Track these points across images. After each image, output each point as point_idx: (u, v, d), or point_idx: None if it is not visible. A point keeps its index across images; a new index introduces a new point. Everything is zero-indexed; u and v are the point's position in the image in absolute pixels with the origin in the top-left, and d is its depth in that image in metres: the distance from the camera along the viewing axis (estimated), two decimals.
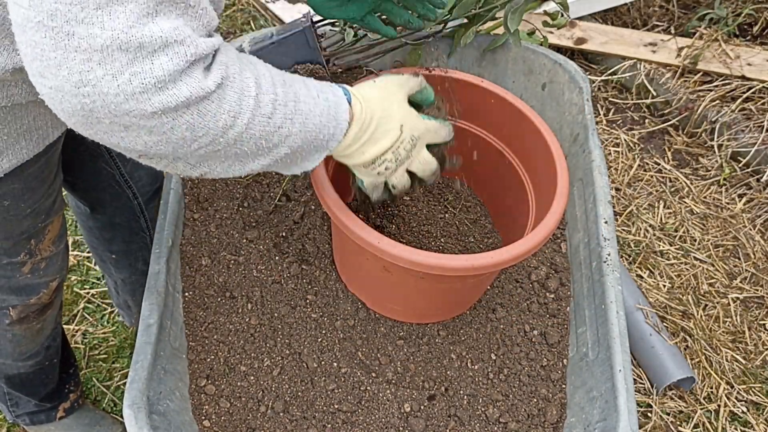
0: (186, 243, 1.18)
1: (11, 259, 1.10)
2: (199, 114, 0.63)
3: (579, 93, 1.26)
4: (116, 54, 0.56)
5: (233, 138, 0.68)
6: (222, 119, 0.66)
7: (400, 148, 0.89)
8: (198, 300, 1.13)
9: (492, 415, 1.07)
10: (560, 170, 1.03)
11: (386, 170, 0.90)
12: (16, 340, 1.28)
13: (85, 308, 1.92)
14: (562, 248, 1.24)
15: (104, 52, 0.55)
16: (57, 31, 0.54)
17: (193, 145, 0.66)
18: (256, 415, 1.05)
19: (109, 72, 0.56)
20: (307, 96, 0.77)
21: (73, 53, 0.55)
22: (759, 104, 2.28)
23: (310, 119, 0.76)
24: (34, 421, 1.55)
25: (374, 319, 1.15)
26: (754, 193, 2.19)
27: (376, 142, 0.86)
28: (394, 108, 0.88)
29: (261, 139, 0.71)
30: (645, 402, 1.73)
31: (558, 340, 1.14)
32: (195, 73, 0.62)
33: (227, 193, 1.25)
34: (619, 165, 2.27)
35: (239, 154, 0.72)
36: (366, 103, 0.85)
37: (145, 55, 0.57)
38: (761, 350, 1.84)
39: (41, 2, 0.53)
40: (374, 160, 0.88)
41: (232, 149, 0.70)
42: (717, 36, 2.42)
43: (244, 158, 0.73)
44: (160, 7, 0.57)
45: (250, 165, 0.75)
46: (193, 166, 0.71)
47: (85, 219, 1.45)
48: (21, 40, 0.57)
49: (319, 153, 0.82)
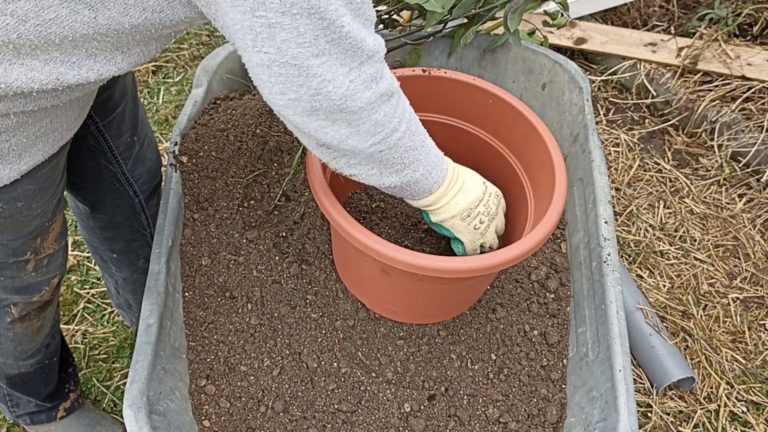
0: (186, 243, 1.18)
1: (17, 258, 1.10)
2: (384, 111, 0.80)
3: (579, 93, 1.26)
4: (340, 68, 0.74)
5: (394, 141, 0.84)
6: (395, 119, 0.82)
7: (490, 201, 1.02)
8: (198, 300, 1.14)
9: (492, 415, 1.07)
10: (558, 171, 1.03)
11: (481, 224, 1.01)
12: (17, 339, 1.29)
13: (85, 308, 1.92)
14: (562, 248, 1.24)
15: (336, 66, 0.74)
16: (299, 66, 0.72)
17: (371, 140, 0.81)
18: (256, 415, 1.05)
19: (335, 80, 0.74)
20: (425, 135, 0.92)
21: (312, 78, 0.73)
22: (759, 104, 2.27)
23: (431, 154, 0.92)
24: (35, 420, 1.55)
25: (374, 319, 1.15)
26: (754, 193, 2.19)
27: (466, 194, 0.99)
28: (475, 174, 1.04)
29: (405, 153, 0.86)
30: (645, 402, 1.73)
31: (558, 340, 1.14)
32: (386, 74, 0.80)
33: (227, 193, 1.25)
34: (619, 165, 2.27)
35: (385, 162, 0.86)
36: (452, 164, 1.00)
37: (364, 60, 0.75)
38: (761, 350, 1.84)
39: (286, 50, 0.71)
40: (469, 213, 1.00)
41: (387, 154, 0.85)
42: (717, 36, 2.42)
43: (386, 168, 0.87)
44: (365, 20, 0.74)
45: (385, 178, 0.89)
46: (352, 166, 0.86)
47: (85, 219, 1.45)
48: (264, 74, 0.73)
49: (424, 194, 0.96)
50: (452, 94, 1.17)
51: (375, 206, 1.28)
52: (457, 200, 0.98)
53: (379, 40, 0.78)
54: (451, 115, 1.21)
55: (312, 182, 1.00)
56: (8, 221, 1.01)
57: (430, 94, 1.18)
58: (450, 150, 1.01)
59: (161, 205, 1.14)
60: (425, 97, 1.18)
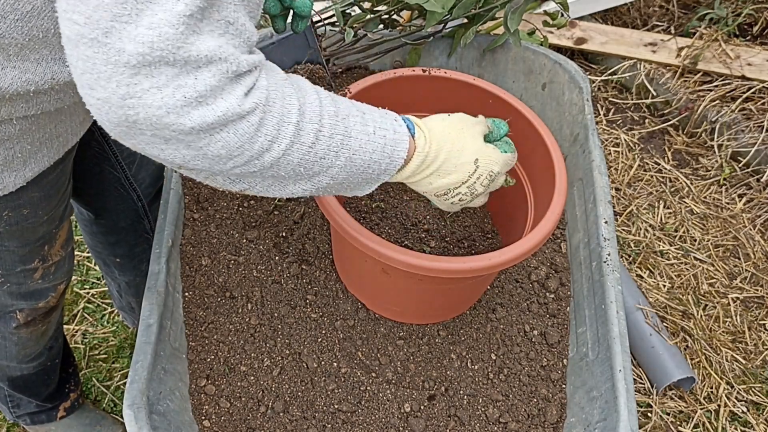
0: (186, 243, 1.18)
1: (25, 266, 1.10)
2: (235, 133, 0.64)
3: (579, 93, 1.26)
4: (163, 68, 0.58)
5: (270, 162, 0.69)
6: (259, 142, 0.66)
7: (476, 184, 0.89)
8: (198, 300, 1.14)
9: (492, 415, 1.07)
10: (558, 171, 1.03)
11: (460, 201, 0.90)
12: (21, 343, 1.29)
13: (85, 308, 1.92)
14: (562, 248, 1.24)
15: (152, 66, 0.58)
16: (110, 47, 0.57)
17: (229, 163, 0.67)
18: (256, 415, 1.05)
19: (155, 85, 0.59)
20: (361, 132, 0.77)
21: (122, 68, 0.58)
22: (759, 104, 2.27)
23: (359, 155, 0.77)
24: (35, 420, 1.55)
25: (374, 319, 1.16)
26: (754, 193, 2.19)
27: (444, 175, 0.86)
28: (467, 142, 0.87)
29: (299, 167, 0.72)
30: (645, 402, 1.73)
31: (558, 340, 1.14)
32: (236, 92, 0.63)
33: (227, 193, 1.25)
34: (619, 165, 2.27)
35: (277, 177, 0.72)
36: (432, 135, 0.85)
37: (190, 70, 0.59)
38: (761, 350, 1.84)
39: (98, 20, 0.56)
40: (446, 192, 0.88)
41: (269, 171, 0.70)
42: (717, 36, 2.42)
43: (283, 181, 0.74)
44: (203, 26, 0.60)
45: (290, 188, 0.75)
46: (233, 182, 0.72)
47: (88, 224, 1.45)
48: (72, 54, 0.59)
49: (370, 184, 0.82)
50: (452, 94, 1.17)
51: (375, 206, 1.28)
52: (429, 180, 0.86)
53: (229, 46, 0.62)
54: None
55: None
56: (14, 228, 1.00)
57: (430, 94, 1.18)
58: None
59: (161, 204, 1.14)
60: (425, 97, 1.18)
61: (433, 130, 0.86)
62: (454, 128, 0.87)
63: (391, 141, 0.80)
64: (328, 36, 1.26)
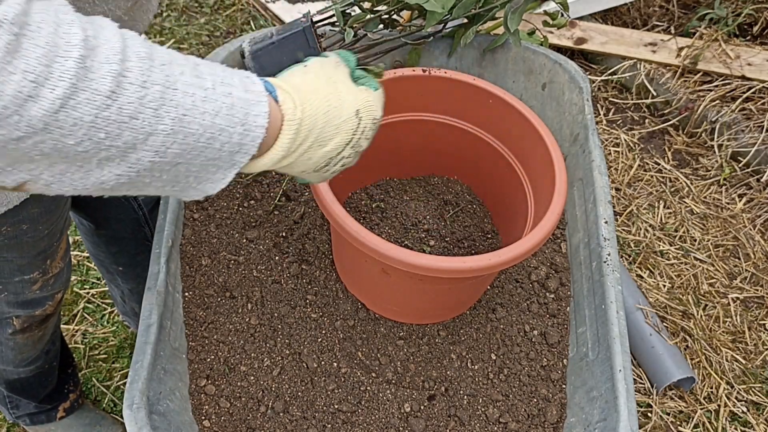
0: (186, 243, 1.18)
1: (24, 276, 1.09)
2: None
3: (579, 93, 1.26)
4: None
5: (40, 118, 0.46)
6: (13, 84, 0.45)
7: (361, 139, 0.71)
8: (198, 300, 1.14)
9: (492, 415, 1.07)
10: (558, 171, 1.03)
11: (343, 166, 0.73)
12: (18, 348, 1.29)
13: (85, 308, 1.92)
14: (562, 248, 1.24)
15: None
16: None
17: None
18: (256, 415, 1.05)
19: None
20: (192, 85, 0.55)
21: None
22: (759, 104, 2.27)
23: (193, 117, 0.54)
24: (35, 421, 1.55)
25: (374, 319, 1.16)
26: (754, 193, 2.19)
27: (326, 143, 0.67)
28: (342, 93, 0.69)
29: (98, 131, 0.49)
30: (645, 402, 1.73)
31: (558, 340, 1.14)
32: None
33: (227, 193, 1.25)
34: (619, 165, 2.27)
35: (65, 152, 0.49)
36: (300, 95, 0.65)
37: None
38: (761, 350, 1.84)
39: None
40: (327, 162, 0.70)
41: (46, 139, 0.48)
42: (717, 36, 2.42)
43: (80, 161, 0.51)
44: None
45: (95, 173, 0.53)
46: (2, 169, 0.50)
47: (90, 235, 1.44)
48: None
49: (222, 171, 0.60)
50: (452, 94, 1.17)
51: (375, 206, 1.28)
52: (308, 155, 0.67)
53: None
54: (451, 115, 1.21)
55: None
56: (13, 242, 0.99)
57: (430, 94, 1.18)
58: (450, 150, 1.01)
59: (161, 204, 1.14)
60: (425, 97, 1.18)
61: (299, 87, 0.66)
62: (321, 78, 0.69)
63: (241, 101, 0.58)
64: (328, 36, 1.26)
